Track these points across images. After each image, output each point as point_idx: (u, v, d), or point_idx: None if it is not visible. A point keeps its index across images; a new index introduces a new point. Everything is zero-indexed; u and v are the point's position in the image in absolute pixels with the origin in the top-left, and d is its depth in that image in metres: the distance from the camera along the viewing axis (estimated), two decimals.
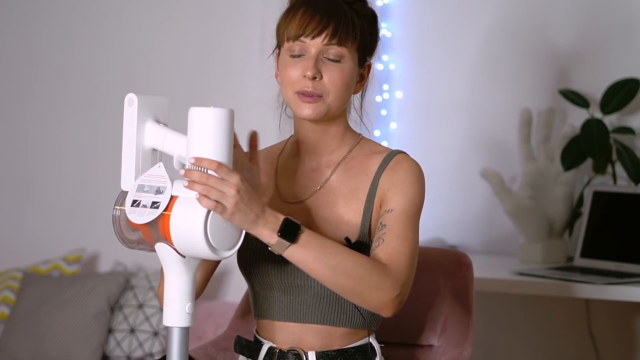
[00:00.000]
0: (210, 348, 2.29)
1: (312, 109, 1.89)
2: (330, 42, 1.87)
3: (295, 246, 1.74)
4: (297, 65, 1.88)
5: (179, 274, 1.71)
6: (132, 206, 1.68)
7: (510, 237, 3.49)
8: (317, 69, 1.87)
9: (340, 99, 1.91)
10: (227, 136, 1.67)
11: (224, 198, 1.65)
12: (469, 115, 3.64)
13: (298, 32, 1.88)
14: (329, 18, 1.88)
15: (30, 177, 4.18)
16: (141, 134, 1.74)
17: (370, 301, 1.80)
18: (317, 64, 1.88)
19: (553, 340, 3.49)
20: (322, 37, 1.87)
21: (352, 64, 1.91)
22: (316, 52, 1.88)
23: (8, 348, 3.67)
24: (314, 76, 1.87)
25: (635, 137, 3.36)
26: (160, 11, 3.98)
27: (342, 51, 1.89)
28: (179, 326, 1.71)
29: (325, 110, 1.90)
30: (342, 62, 1.89)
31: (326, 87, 1.88)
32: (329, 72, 1.88)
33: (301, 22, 1.88)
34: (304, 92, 1.88)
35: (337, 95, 1.90)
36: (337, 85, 1.89)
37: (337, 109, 1.92)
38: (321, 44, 1.88)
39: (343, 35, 1.88)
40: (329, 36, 1.87)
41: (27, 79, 4.19)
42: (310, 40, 1.87)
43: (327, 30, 1.87)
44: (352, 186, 1.94)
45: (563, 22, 3.51)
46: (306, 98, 1.88)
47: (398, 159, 1.94)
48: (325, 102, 1.89)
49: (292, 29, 1.88)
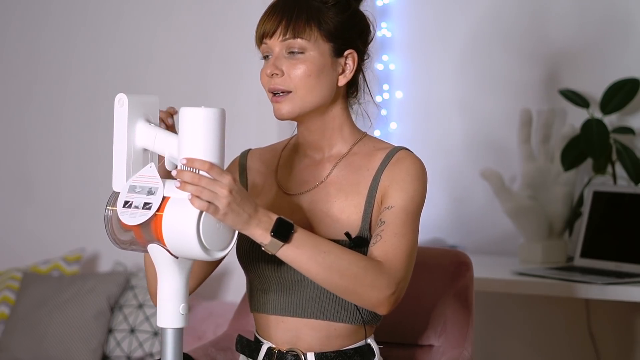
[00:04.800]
0: (210, 348, 2.30)
1: (282, 106, 1.89)
2: (286, 37, 1.88)
3: (289, 246, 1.73)
4: (265, 67, 1.90)
5: (172, 275, 1.70)
6: (124, 207, 1.67)
7: (510, 237, 3.49)
8: (275, 65, 1.88)
9: (312, 91, 1.89)
10: (219, 136, 1.66)
11: (216, 199, 1.64)
12: (469, 115, 3.64)
13: (259, 34, 1.91)
14: (283, 14, 1.89)
15: (30, 177, 4.18)
16: (132, 134, 1.73)
17: (365, 299, 1.79)
18: (277, 61, 1.88)
19: (553, 340, 3.49)
20: (278, 34, 1.88)
21: (316, 54, 1.89)
22: (279, 50, 1.89)
23: (8, 348, 3.67)
24: (273, 73, 1.87)
25: (635, 137, 3.36)
26: (160, 11, 3.98)
27: (302, 43, 1.88)
28: (172, 327, 1.71)
29: (299, 105, 1.89)
30: (305, 54, 1.88)
31: (291, 80, 1.88)
32: (289, 66, 1.88)
33: (261, 26, 1.91)
34: (273, 91, 1.89)
35: (306, 87, 1.88)
36: (300, 76, 1.88)
37: (313, 102, 1.91)
38: (279, 41, 1.88)
39: (298, 28, 1.88)
40: (283, 32, 1.88)
41: (27, 79, 4.19)
42: (269, 39, 1.89)
43: (281, 26, 1.88)
44: (354, 181, 1.93)
45: (563, 22, 3.50)
46: (275, 98, 1.89)
47: (401, 155, 1.93)
48: (297, 95, 1.89)
49: (257, 33, 1.92)
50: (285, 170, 2.01)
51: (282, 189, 1.98)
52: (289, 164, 2.01)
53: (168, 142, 1.71)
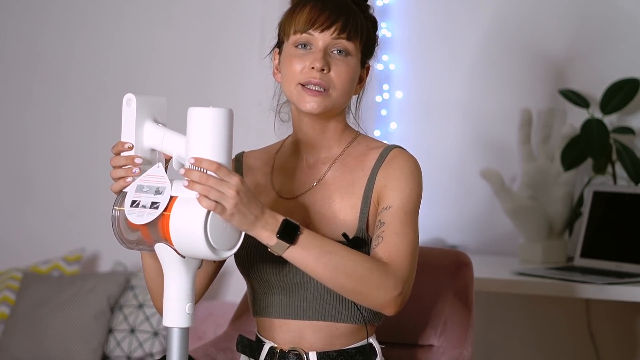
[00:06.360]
0: (210, 348, 2.29)
1: (317, 102, 1.88)
2: (340, 36, 1.88)
3: (295, 247, 1.74)
4: (303, 58, 1.88)
5: (179, 275, 1.71)
6: (132, 207, 1.68)
7: (510, 237, 3.49)
8: (325, 60, 1.87)
9: (344, 95, 1.91)
10: (227, 136, 1.67)
11: (223, 199, 1.65)
12: (469, 115, 3.64)
13: (306, 25, 1.88)
14: (339, 13, 1.88)
15: (30, 177, 4.18)
16: (140, 134, 1.74)
17: (372, 300, 1.80)
18: (325, 56, 1.88)
19: (553, 340, 3.49)
20: (332, 31, 1.87)
21: (356, 60, 1.91)
22: (324, 45, 1.88)
23: (8, 348, 3.67)
24: (322, 68, 1.87)
25: (635, 137, 3.36)
26: (160, 11, 3.98)
27: (350, 46, 1.89)
28: (178, 327, 1.71)
29: (329, 105, 1.90)
30: (349, 57, 1.89)
31: (333, 80, 1.88)
32: (336, 66, 1.88)
33: (310, 16, 1.88)
34: (310, 83, 1.88)
35: (342, 90, 1.89)
36: (343, 79, 1.89)
37: (340, 105, 1.93)
38: (330, 38, 1.88)
39: (352, 30, 1.88)
40: (339, 30, 1.87)
41: (27, 79, 4.19)
42: (319, 33, 1.88)
43: (337, 24, 1.87)
44: (349, 181, 1.94)
45: (563, 21, 3.51)
46: (311, 91, 1.88)
47: (394, 153, 1.94)
48: (331, 96, 1.89)
49: (300, 23, 1.89)
50: (280, 174, 2.01)
51: (277, 192, 1.98)
52: (284, 167, 2.01)
53: (176, 142, 1.72)
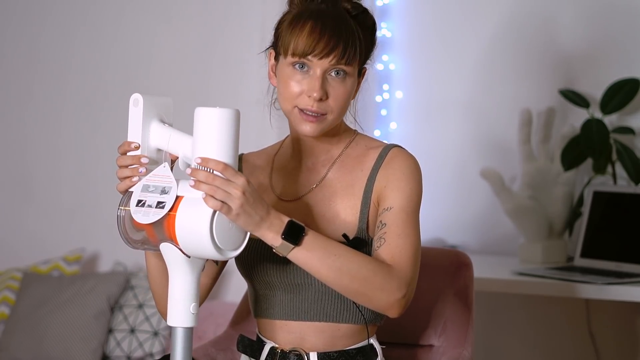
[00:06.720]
0: (210, 348, 2.29)
1: (314, 127, 1.87)
2: (339, 62, 1.85)
3: (299, 248, 1.74)
4: (301, 82, 1.85)
5: (184, 274, 1.71)
6: (137, 206, 1.68)
7: (510, 237, 3.49)
8: (324, 90, 1.85)
9: (341, 113, 1.90)
10: (233, 137, 1.67)
11: (229, 199, 1.65)
12: (469, 115, 3.64)
13: (306, 50, 1.83)
14: (338, 38, 1.84)
15: (30, 177, 4.18)
16: (146, 134, 1.74)
17: (376, 302, 1.80)
18: (324, 84, 1.85)
19: (553, 340, 3.49)
20: (330, 58, 1.84)
21: (354, 78, 1.90)
22: (322, 71, 1.85)
23: (8, 348, 3.67)
24: (321, 97, 1.85)
25: (635, 137, 3.36)
26: (161, 11, 3.98)
27: (348, 69, 1.86)
28: (183, 326, 1.72)
29: (326, 127, 1.89)
30: (347, 78, 1.87)
31: (330, 105, 1.87)
32: (333, 91, 1.86)
33: (309, 41, 1.83)
34: (308, 110, 1.86)
35: (339, 111, 1.88)
36: (340, 103, 1.87)
37: (338, 121, 1.92)
38: (330, 65, 1.85)
39: (351, 55, 1.85)
40: (338, 57, 1.84)
41: (27, 79, 4.19)
42: (318, 60, 1.84)
43: (336, 52, 1.84)
44: (348, 182, 1.93)
45: (563, 22, 3.51)
46: (309, 117, 1.86)
47: (393, 153, 1.93)
48: (328, 119, 1.88)
49: (299, 46, 1.84)
50: (280, 176, 2.01)
51: (277, 195, 1.98)
52: (283, 169, 2.01)
53: (182, 142, 1.72)
